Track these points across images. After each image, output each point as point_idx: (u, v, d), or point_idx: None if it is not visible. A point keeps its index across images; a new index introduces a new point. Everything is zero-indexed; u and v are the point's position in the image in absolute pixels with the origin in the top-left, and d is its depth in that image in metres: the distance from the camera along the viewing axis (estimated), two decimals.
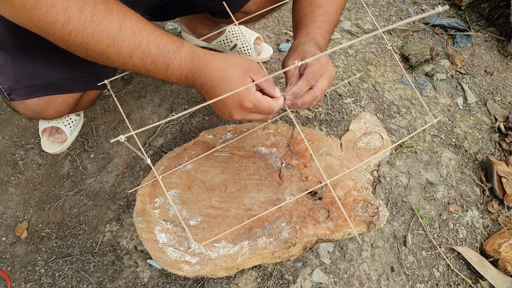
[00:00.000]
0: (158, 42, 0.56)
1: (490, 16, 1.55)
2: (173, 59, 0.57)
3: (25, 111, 0.77)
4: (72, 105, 0.82)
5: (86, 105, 0.89)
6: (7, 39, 0.67)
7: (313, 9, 0.73)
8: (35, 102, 0.75)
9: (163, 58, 0.57)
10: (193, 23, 1.20)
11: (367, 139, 0.91)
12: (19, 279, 0.85)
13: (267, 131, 0.89)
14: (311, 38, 0.69)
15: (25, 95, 0.73)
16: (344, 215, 0.77)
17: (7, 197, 0.96)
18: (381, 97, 1.25)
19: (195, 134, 1.08)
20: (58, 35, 0.51)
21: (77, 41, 0.52)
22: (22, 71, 0.70)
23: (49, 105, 0.77)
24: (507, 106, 1.33)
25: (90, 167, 1.02)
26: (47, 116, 0.79)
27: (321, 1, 0.73)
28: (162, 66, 0.57)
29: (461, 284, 0.93)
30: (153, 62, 0.56)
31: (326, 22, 0.73)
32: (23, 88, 0.71)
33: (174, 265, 0.70)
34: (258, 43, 1.26)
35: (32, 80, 0.71)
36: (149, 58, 0.56)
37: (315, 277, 0.88)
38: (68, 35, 0.51)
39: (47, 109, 0.77)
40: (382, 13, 1.57)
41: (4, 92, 0.72)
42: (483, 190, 1.10)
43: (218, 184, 0.80)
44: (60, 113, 0.80)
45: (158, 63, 0.57)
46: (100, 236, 0.91)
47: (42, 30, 0.50)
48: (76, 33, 0.50)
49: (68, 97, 0.78)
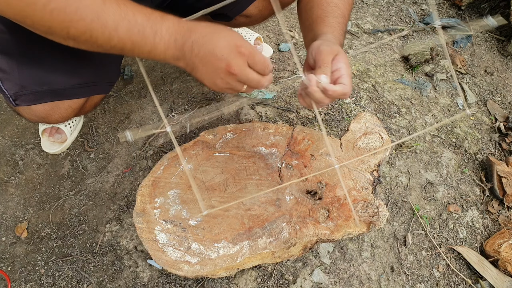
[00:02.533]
0: (143, 11, 0.54)
1: (490, 16, 1.55)
2: (161, 24, 0.55)
3: (31, 116, 0.77)
4: (77, 110, 0.82)
5: (90, 108, 0.89)
6: (12, 45, 0.67)
7: (332, 9, 0.72)
8: (40, 107, 0.75)
9: (151, 25, 0.54)
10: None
11: (367, 139, 0.91)
12: (19, 279, 0.85)
13: (267, 131, 0.89)
14: (335, 38, 0.68)
15: (31, 101, 0.73)
16: (343, 215, 0.77)
17: (7, 197, 0.96)
18: (381, 97, 1.25)
19: (195, 134, 1.08)
20: (39, 15, 0.49)
21: (59, 19, 0.49)
22: (28, 77, 0.70)
23: (55, 110, 0.77)
24: (507, 106, 1.32)
25: (90, 167, 1.02)
26: (52, 120, 0.79)
27: (337, 1, 0.73)
28: (150, 33, 0.55)
29: (461, 284, 0.93)
30: (140, 32, 0.54)
31: (343, 24, 0.73)
32: (29, 94, 0.71)
33: (174, 265, 0.70)
34: (258, 43, 1.26)
35: (38, 86, 0.71)
36: (136, 28, 0.54)
37: (315, 277, 0.88)
38: (49, 14, 0.49)
39: (53, 114, 0.77)
40: (382, 13, 1.57)
41: (9, 97, 0.71)
42: (483, 190, 1.10)
43: (218, 184, 0.80)
44: (65, 118, 0.80)
45: (146, 31, 0.54)
46: (100, 236, 0.91)
47: (20, 12, 0.48)
48: (59, 11, 0.49)
49: (73, 103, 0.78)
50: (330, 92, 0.59)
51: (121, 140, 0.98)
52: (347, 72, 0.61)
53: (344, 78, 0.61)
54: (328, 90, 0.59)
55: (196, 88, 1.19)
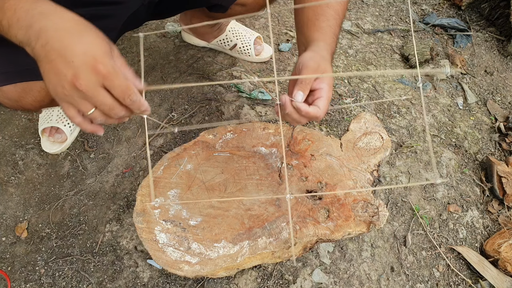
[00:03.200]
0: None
1: (490, 16, 1.55)
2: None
3: (3, 99, 0.72)
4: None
5: None
6: None
7: (323, 10, 0.69)
8: (12, 89, 0.70)
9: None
10: (194, 22, 1.20)
11: (367, 139, 0.91)
12: (19, 279, 0.85)
13: (267, 131, 0.89)
14: (326, 45, 0.66)
15: (1, 82, 0.68)
16: (343, 215, 0.77)
17: (7, 197, 0.96)
18: (381, 97, 1.25)
19: (195, 134, 1.08)
20: None
21: None
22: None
23: (27, 92, 0.72)
24: (507, 106, 1.32)
25: (90, 167, 1.02)
26: (26, 104, 0.74)
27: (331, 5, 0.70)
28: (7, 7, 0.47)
29: (461, 284, 0.93)
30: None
31: (336, 26, 0.70)
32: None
33: (174, 265, 0.70)
34: (258, 43, 1.26)
35: (5, 67, 0.68)
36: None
37: (315, 277, 0.88)
38: None
39: (25, 96, 0.72)
40: (382, 13, 1.57)
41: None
42: (483, 190, 1.10)
43: (218, 184, 0.80)
44: (39, 102, 0.75)
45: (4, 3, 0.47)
46: (100, 236, 0.91)
47: None
48: None
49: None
50: (303, 112, 0.58)
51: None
52: (326, 95, 0.60)
53: (321, 100, 0.59)
54: (301, 110, 0.58)
55: (196, 88, 1.19)
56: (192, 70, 1.24)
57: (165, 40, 1.34)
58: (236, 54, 1.27)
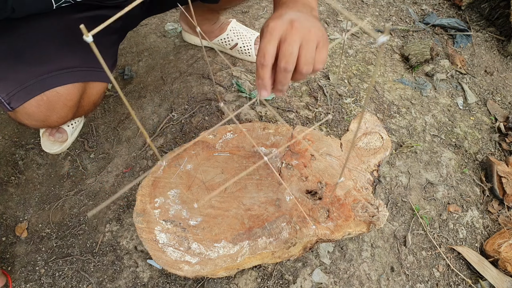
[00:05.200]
0: None
1: (490, 16, 1.55)
2: None
3: (30, 121, 0.76)
4: (74, 108, 0.80)
5: (89, 107, 0.88)
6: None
7: None
8: (36, 110, 0.73)
9: None
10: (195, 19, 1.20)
11: (367, 139, 0.91)
12: (19, 279, 0.85)
13: (267, 131, 0.89)
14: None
15: (23, 98, 0.71)
16: (343, 215, 0.77)
17: (7, 197, 0.96)
18: (381, 97, 1.25)
19: (195, 134, 1.08)
20: None
21: None
22: (12, 75, 0.68)
23: (51, 111, 0.75)
24: (507, 106, 1.32)
25: (90, 167, 1.02)
26: (52, 122, 0.78)
27: None
28: None
29: (461, 284, 0.93)
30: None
31: None
32: (19, 91, 0.70)
33: (174, 265, 0.70)
34: (258, 43, 1.26)
35: (25, 81, 0.70)
36: None
37: (315, 277, 0.88)
38: None
39: (50, 115, 0.76)
40: (382, 13, 1.57)
41: (4, 102, 0.70)
42: (483, 190, 1.10)
43: (218, 184, 0.80)
44: (63, 118, 0.79)
45: None
46: (100, 236, 0.91)
47: None
48: None
49: (68, 100, 0.77)
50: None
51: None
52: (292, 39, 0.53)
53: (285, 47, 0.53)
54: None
55: (196, 88, 1.19)
56: (192, 70, 1.24)
57: (165, 40, 1.34)
58: (237, 54, 1.27)
